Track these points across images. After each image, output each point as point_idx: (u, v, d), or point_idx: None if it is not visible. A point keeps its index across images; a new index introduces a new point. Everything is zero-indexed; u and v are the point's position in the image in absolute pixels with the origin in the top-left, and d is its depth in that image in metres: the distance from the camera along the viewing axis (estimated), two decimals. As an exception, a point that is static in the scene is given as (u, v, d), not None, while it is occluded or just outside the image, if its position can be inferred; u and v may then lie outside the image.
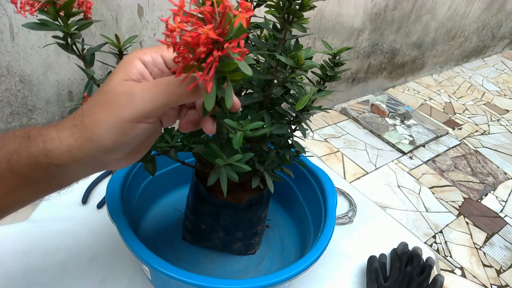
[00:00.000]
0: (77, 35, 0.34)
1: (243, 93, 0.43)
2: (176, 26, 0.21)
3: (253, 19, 0.40)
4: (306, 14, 0.34)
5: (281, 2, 0.34)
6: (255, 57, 0.44)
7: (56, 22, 0.32)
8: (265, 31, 0.43)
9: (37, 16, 0.31)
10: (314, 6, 0.34)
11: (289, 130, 0.45)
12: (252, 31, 0.40)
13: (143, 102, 0.26)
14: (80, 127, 0.27)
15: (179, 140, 0.43)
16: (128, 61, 0.28)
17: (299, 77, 0.41)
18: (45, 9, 0.31)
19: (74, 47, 0.35)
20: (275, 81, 0.39)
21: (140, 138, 0.28)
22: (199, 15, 0.22)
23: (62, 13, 0.32)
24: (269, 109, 0.42)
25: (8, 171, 0.27)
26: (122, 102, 0.26)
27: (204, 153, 0.35)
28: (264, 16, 0.40)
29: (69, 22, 0.32)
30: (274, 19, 0.38)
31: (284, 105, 0.43)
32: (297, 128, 0.44)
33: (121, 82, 0.27)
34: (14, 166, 0.27)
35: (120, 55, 0.39)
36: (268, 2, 0.34)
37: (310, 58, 0.37)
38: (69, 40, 0.34)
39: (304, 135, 0.44)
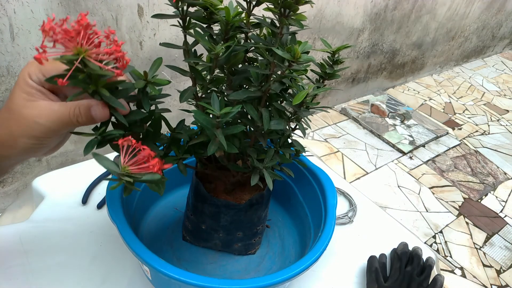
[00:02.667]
0: None
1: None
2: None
3: (252, 19, 0.41)
4: (307, 13, 0.34)
5: None
6: (253, 56, 0.44)
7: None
8: (264, 31, 0.43)
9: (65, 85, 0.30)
10: (310, 1, 0.34)
11: (288, 127, 0.45)
12: (251, 30, 0.41)
13: (49, 127, 0.33)
14: None
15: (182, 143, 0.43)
16: (23, 80, 0.32)
17: (299, 76, 0.41)
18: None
19: None
20: (273, 76, 0.39)
21: (55, 142, 0.36)
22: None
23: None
24: (268, 106, 0.42)
25: None
26: (32, 126, 0.32)
27: (196, 114, 0.35)
28: (263, 15, 0.40)
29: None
30: (273, 17, 0.38)
31: (285, 105, 0.43)
32: (297, 126, 0.44)
33: (25, 104, 0.32)
34: None
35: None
36: None
37: (307, 52, 0.37)
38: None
39: (304, 134, 0.44)
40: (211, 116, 0.36)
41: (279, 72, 0.39)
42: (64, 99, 0.35)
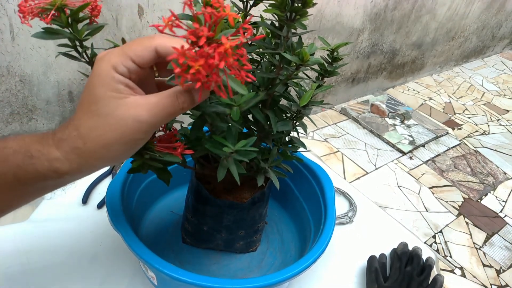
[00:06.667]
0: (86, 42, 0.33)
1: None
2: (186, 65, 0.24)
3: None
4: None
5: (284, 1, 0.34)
6: (253, 57, 0.44)
7: (66, 30, 0.31)
8: (261, 30, 0.43)
9: (50, 24, 0.31)
10: (315, 3, 0.34)
11: (292, 127, 0.45)
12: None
13: (153, 124, 0.28)
14: (85, 150, 0.28)
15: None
16: (109, 76, 0.28)
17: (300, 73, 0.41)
18: (55, 17, 0.30)
19: (84, 54, 0.34)
20: (279, 79, 0.39)
21: (143, 143, 0.31)
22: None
23: (70, 20, 0.31)
24: (272, 107, 0.42)
25: (16, 182, 0.29)
26: (133, 127, 0.28)
27: (210, 146, 0.35)
28: (261, 15, 0.40)
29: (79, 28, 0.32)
30: (272, 18, 0.38)
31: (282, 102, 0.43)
32: (297, 123, 0.44)
33: (118, 104, 0.28)
34: (22, 179, 0.29)
35: None
36: (271, 2, 0.34)
37: (313, 54, 0.37)
38: (79, 48, 0.33)
39: (305, 131, 0.44)
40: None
41: (284, 73, 0.39)
42: (147, 91, 0.30)
